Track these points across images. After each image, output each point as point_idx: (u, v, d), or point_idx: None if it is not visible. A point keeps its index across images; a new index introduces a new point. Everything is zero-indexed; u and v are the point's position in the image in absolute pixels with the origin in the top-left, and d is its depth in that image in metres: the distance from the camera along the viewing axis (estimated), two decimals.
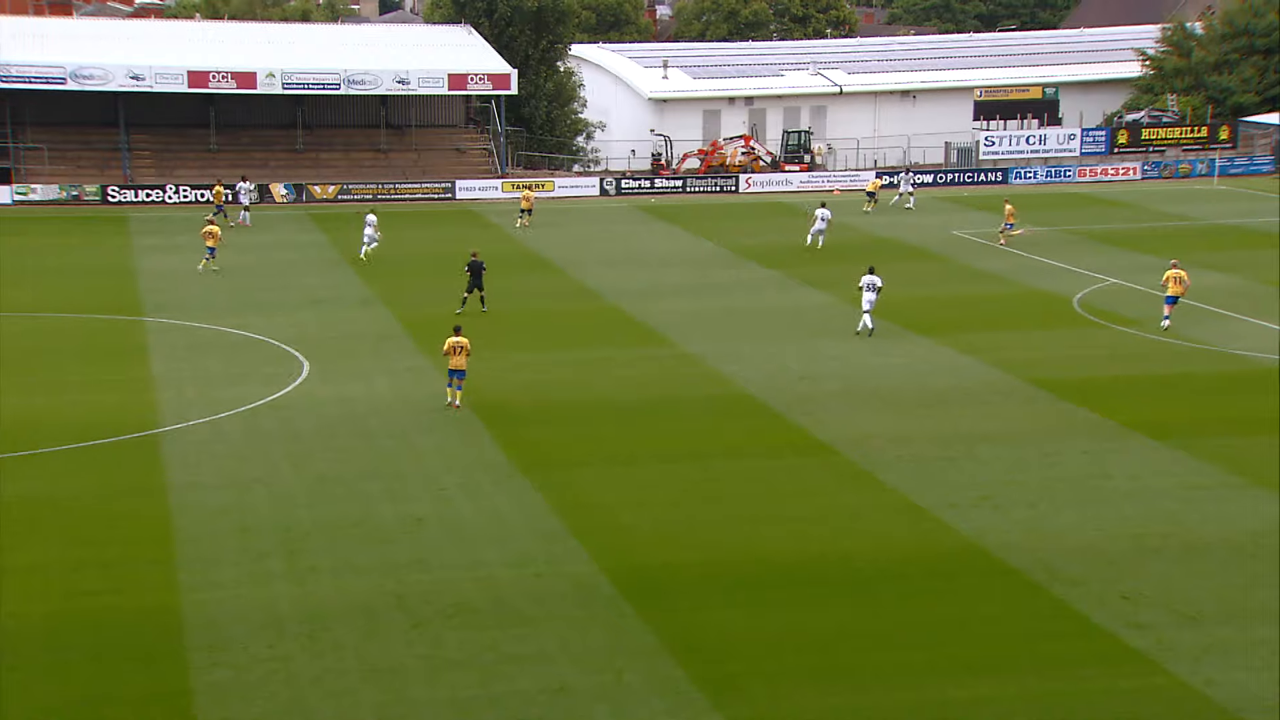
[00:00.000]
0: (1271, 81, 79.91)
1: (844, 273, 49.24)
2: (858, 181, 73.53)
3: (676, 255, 54.40)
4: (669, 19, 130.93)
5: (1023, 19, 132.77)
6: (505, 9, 77.66)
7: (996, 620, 21.88)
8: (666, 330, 41.17)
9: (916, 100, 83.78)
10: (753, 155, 76.23)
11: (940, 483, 27.84)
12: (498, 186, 70.39)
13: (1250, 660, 20.30)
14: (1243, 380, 34.91)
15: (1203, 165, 73.99)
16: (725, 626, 21.77)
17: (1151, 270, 48.37)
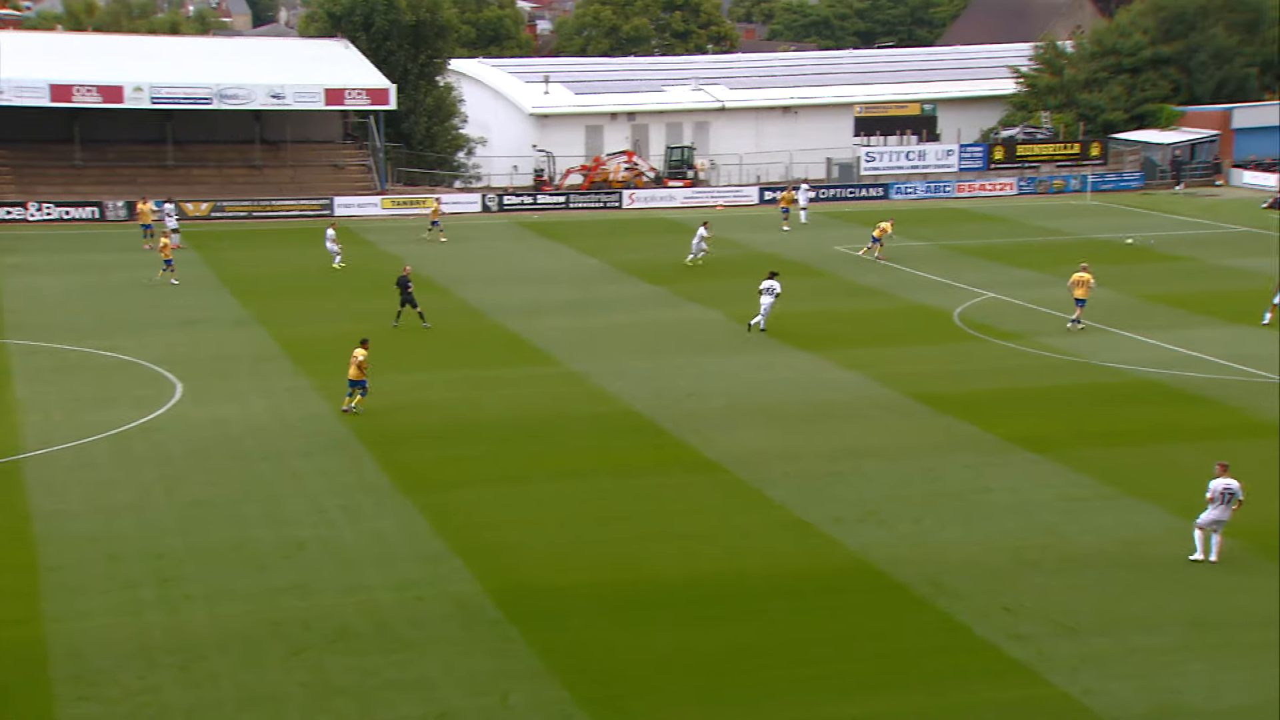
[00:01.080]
0: (1139, 99, 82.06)
1: (728, 288, 49.44)
2: (740, 197, 74.05)
3: (560, 272, 54.15)
4: (550, 34, 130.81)
5: (900, 36, 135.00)
6: (383, 23, 76.82)
7: (884, 635, 21.93)
8: (551, 348, 40.87)
9: (798, 116, 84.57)
10: (636, 171, 76.29)
11: (826, 498, 27.91)
12: (377, 203, 69.54)
13: (1125, 669, 20.58)
14: (1118, 392, 35.57)
15: (1076, 181, 75.67)
16: (613, 647, 21.53)
17: (1029, 285, 49.29)
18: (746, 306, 46.24)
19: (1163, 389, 35.70)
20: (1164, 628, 21.90)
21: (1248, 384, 35.96)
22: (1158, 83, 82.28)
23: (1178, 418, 33.20)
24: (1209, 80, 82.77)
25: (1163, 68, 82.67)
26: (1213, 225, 63.22)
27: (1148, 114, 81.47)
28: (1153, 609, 22.58)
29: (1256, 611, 22.47)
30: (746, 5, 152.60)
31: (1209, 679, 20.25)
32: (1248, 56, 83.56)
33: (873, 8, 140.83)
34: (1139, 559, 24.67)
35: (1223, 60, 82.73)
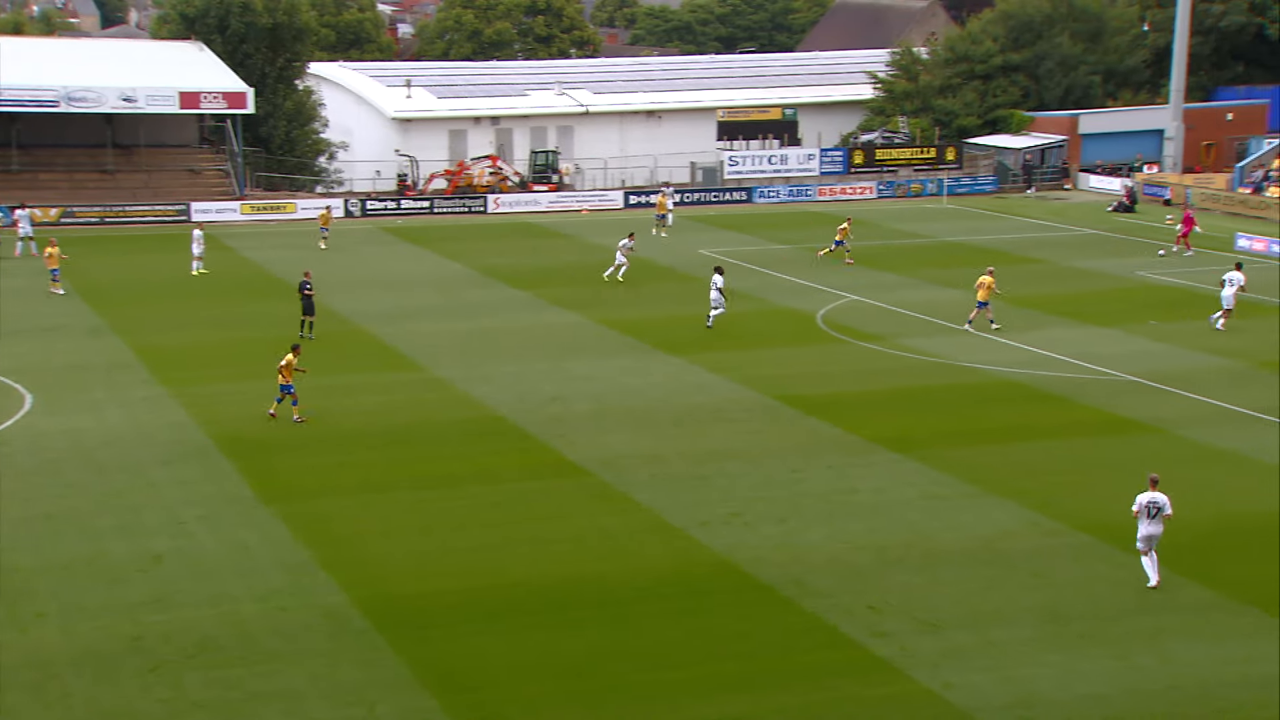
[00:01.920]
0: (991, 105, 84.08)
1: (592, 294, 49.49)
2: (605, 201, 74.18)
3: (424, 277, 53.68)
4: (411, 38, 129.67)
5: (761, 42, 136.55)
6: (238, 25, 75.36)
7: (749, 636, 22.11)
8: (415, 354, 40.48)
9: (662, 120, 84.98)
10: (500, 175, 75.98)
11: (692, 501, 28.06)
12: (236, 208, 68.22)
13: (985, 663, 21.02)
14: (977, 392, 36.35)
15: (932, 185, 77.24)
16: (481, 654, 21.38)
17: (890, 287, 50.15)
18: (611, 311, 46.37)
19: (1020, 388, 36.58)
20: (1021, 621, 22.42)
21: (1100, 382, 37.03)
22: (1008, 89, 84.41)
23: (1034, 416, 34.04)
24: (1056, 87, 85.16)
25: (1013, 74, 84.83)
26: (1063, 228, 65.03)
27: (1000, 119, 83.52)
28: (1011, 603, 23.11)
29: (1111, 603, 23.12)
30: (609, 10, 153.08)
31: (1064, 669, 20.78)
32: (1091, 64, 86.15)
33: (734, 13, 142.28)
34: (998, 554, 25.22)
35: (1068, 68, 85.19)
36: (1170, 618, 22.49)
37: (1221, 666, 20.80)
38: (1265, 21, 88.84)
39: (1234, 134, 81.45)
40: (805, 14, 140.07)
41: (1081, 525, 26.44)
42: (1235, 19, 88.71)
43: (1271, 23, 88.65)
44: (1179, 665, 20.87)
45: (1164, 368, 38.15)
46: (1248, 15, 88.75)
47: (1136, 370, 37.89)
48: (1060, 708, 19.69)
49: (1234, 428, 32.74)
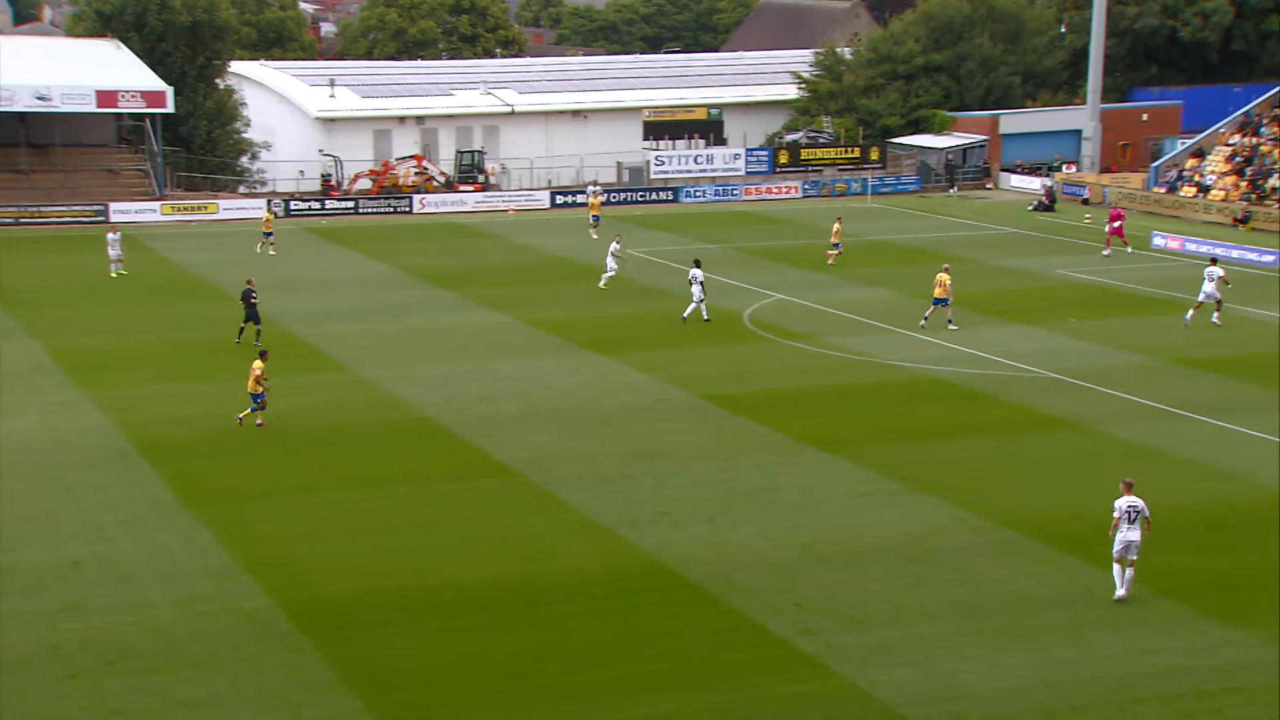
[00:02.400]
0: (914, 105, 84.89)
1: (519, 294, 49.36)
2: (532, 201, 74.01)
3: (350, 278, 53.26)
4: (334, 37, 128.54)
5: (686, 42, 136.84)
6: (156, 23, 74.25)
7: (678, 635, 22.15)
8: (340, 355, 40.15)
9: (588, 120, 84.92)
10: (426, 175, 75.56)
11: (620, 500, 28.07)
12: (156, 209, 67.28)
13: (911, 658, 21.21)
14: (903, 390, 36.66)
15: (857, 184, 77.83)
16: (409, 656, 21.25)
17: (817, 286, 50.43)
18: (538, 311, 46.29)
19: (945, 386, 36.94)
20: (946, 616, 22.64)
21: (1023, 379, 37.48)
22: (930, 89, 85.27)
23: (960, 414, 34.38)
24: (977, 87, 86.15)
25: (934, 75, 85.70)
26: (985, 227, 65.78)
27: (922, 119, 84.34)
28: (936, 599, 23.33)
29: (1032, 597, 23.41)
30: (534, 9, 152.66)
31: (987, 663, 21.01)
32: (1011, 65, 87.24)
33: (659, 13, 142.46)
34: (924, 551, 25.46)
35: (989, 68, 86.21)
36: (1089, 611, 22.82)
37: (1138, 657, 21.14)
38: (1177, 24, 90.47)
39: (1149, 134, 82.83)
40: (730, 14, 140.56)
41: (1005, 521, 26.76)
42: (1149, 21, 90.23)
43: (1184, 25, 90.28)
44: (1097, 657, 21.18)
45: (1084, 364, 38.70)
46: (1160, 18, 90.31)
47: (1058, 367, 38.41)
48: (984, 701, 19.91)
49: (1151, 423, 33.29)
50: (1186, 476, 29.51)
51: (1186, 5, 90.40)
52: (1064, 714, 19.55)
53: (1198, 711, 19.59)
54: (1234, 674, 20.59)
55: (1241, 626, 21.98)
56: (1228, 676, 20.52)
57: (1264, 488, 28.64)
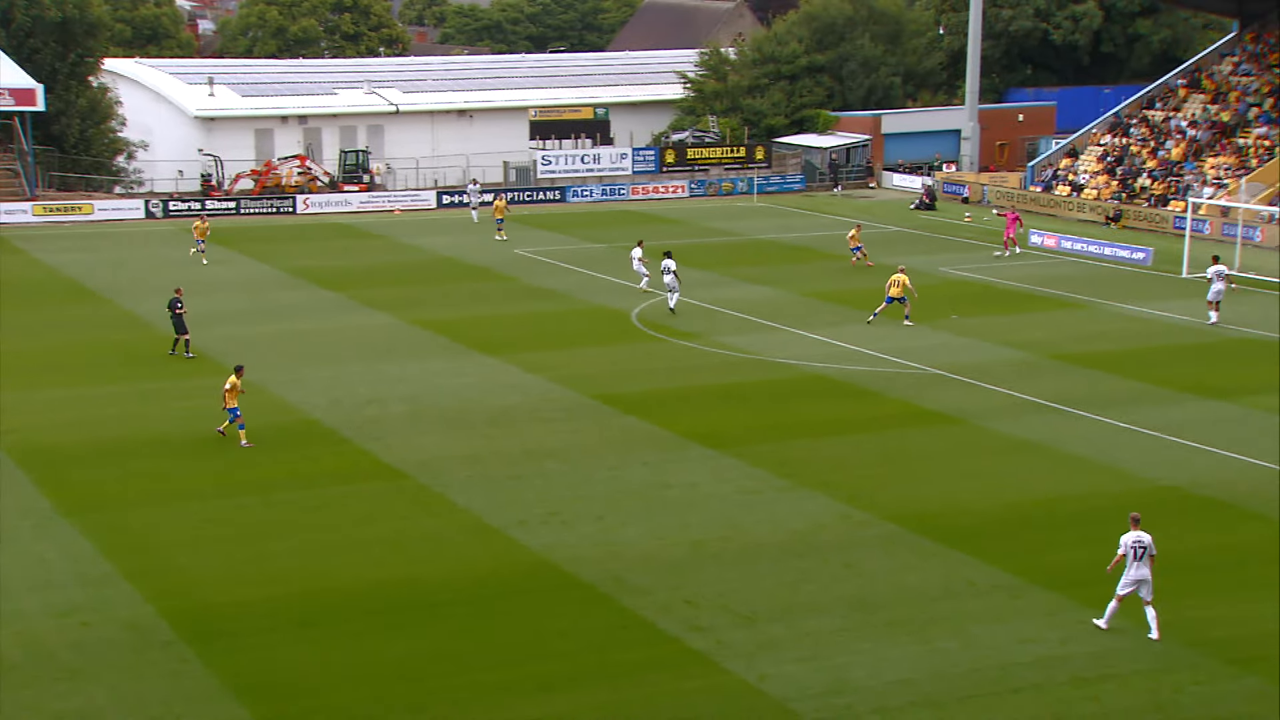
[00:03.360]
0: (798, 105, 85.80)
1: (406, 295, 48.98)
2: (418, 201, 73.48)
3: (232, 279, 52.43)
4: (213, 34, 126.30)
5: (572, 41, 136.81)
6: (24, 19, 72.25)
7: (570, 634, 22.18)
8: (224, 358, 39.48)
9: (473, 120, 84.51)
10: (309, 175, 74.63)
11: (510, 501, 28.02)
12: (28, 209, 65.58)
13: (798, 653, 21.46)
14: (790, 387, 37.04)
15: (743, 183, 78.45)
16: (297, 662, 21.02)
17: (704, 285, 50.69)
18: (425, 311, 45.99)
19: (831, 383, 37.40)
20: (833, 611, 22.94)
21: (906, 375, 38.09)
22: (814, 89, 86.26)
23: (845, 410, 34.84)
24: (859, 88, 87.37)
25: (817, 75, 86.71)
26: (868, 225, 66.65)
27: (806, 119, 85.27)
28: (823, 593, 23.63)
29: (917, 590, 23.81)
30: (418, 8, 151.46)
31: (874, 656, 21.34)
32: (892, 66, 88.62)
33: (544, 13, 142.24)
34: (811, 547, 25.77)
35: (870, 69, 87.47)
36: (971, 602, 23.28)
37: (1018, 647, 21.62)
38: (1050, 27, 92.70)
39: (1025, 134, 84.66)
40: (615, 14, 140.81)
41: (890, 516, 27.19)
42: (1023, 24, 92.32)
43: (1055, 28, 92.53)
44: (979, 648, 21.62)
45: (965, 361, 39.43)
46: (1034, 21, 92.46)
47: (940, 363, 39.10)
48: (871, 694, 20.22)
49: (1031, 417, 34.03)
50: (1064, 470, 30.22)
51: (1058, 9, 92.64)
52: (949, 704, 19.93)
53: (1075, 699, 20.08)
54: (1110, 661, 21.14)
55: (1117, 615, 22.53)
56: (1104, 664, 21.06)
57: (1138, 480, 29.44)
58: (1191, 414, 34.02)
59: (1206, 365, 39.11)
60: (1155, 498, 28.29)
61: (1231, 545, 25.88)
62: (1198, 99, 71.44)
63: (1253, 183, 62.62)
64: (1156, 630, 21.80)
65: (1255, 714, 19.68)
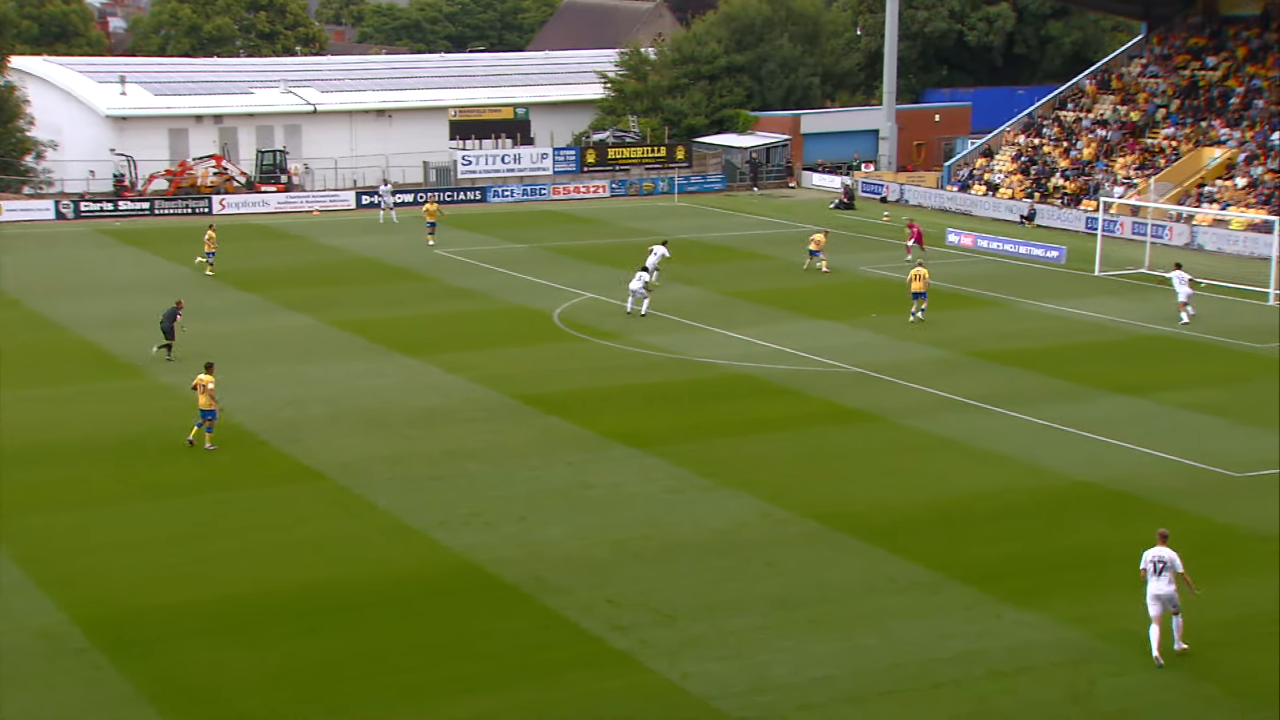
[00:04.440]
0: (718, 105, 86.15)
1: (325, 295, 48.56)
2: (337, 201, 72.86)
3: (148, 281, 51.65)
4: (124, 32, 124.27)
5: (491, 41, 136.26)
6: None
7: (492, 635, 22.13)
8: (139, 361, 38.88)
9: (392, 119, 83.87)
10: (225, 175, 73.72)
11: (431, 502, 27.89)
12: None
13: (721, 651, 21.54)
14: (711, 387, 37.18)
15: (664, 183, 78.63)
16: (218, 667, 20.79)
17: (623, 284, 50.61)
18: (345, 312, 45.64)
19: (752, 382, 37.59)
20: (755, 609, 23.06)
21: (827, 374, 38.37)
22: (733, 89, 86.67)
23: (766, 409, 35.03)
24: (778, 88, 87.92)
25: (737, 75, 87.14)
26: (788, 225, 67.11)
27: (727, 119, 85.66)
28: (745, 592, 23.75)
29: (838, 587, 24.01)
30: (335, 7, 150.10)
31: (797, 653, 21.49)
32: (810, 66, 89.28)
33: (463, 12, 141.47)
34: (733, 545, 25.89)
35: (789, 69, 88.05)
36: (891, 599, 23.52)
37: (938, 642, 21.87)
38: (964, 29, 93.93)
39: (942, 134, 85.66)
40: (534, 13, 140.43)
41: (811, 514, 27.38)
42: (938, 25, 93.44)
43: (970, 30, 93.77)
44: (900, 644, 21.84)
45: (885, 359, 39.81)
46: (949, 22, 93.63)
47: (860, 362, 39.44)
48: (793, 691, 20.36)
49: (948, 415, 34.43)
50: (982, 467, 30.61)
51: (972, 10, 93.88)
52: (870, 700, 20.12)
53: (992, 691, 20.36)
54: (1027, 654, 21.45)
55: (1034, 609, 22.90)
56: (1021, 657, 21.36)
57: (1054, 475, 29.89)
58: (1105, 410, 34.61)
59: (1119, 362, 39.80)
60: (1071, 493, 28.77)
61: (1144, 539, 26.16)
62: (1108, 100, 72.70)
63: (1161, 182, 63.85)
64: (1180, 638, 21.15)
65: (1168, 704, 20.06)
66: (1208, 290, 48.97)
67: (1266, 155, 62.30)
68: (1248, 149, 63.39)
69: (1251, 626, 22.37)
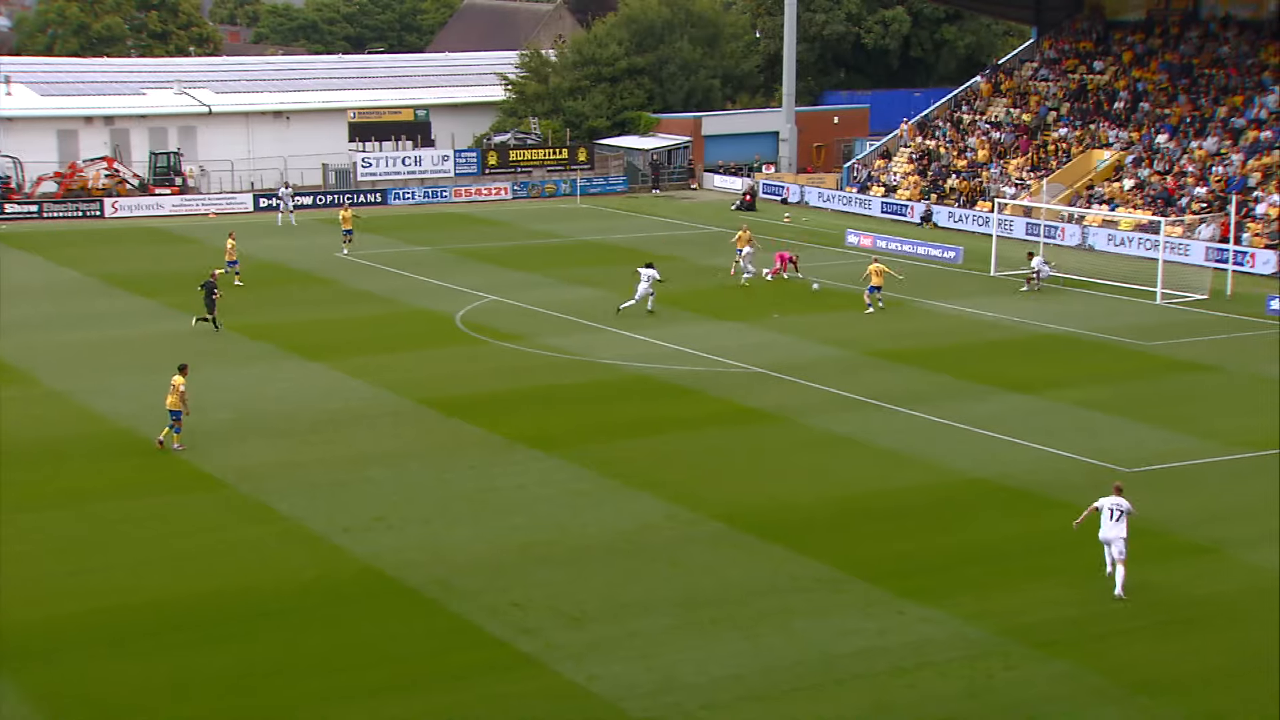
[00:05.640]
0: (619, 106, 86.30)
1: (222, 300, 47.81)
2: (234, 204, 71.87)
3: (36, 286, 50.61)
4: (8, 31, 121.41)
5: (390, 42, 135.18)
6: None
7: (399, 640, 22.03)
8: (28, 366, 38.15)
9: (290, 121, 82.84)
10: (118, 178, 72.34)
11: (334, 508, 27.68)
12: None
13: (627, 652, 21.64)
14: (615, 388, 37.27)
15: (566, 185, 78.61)
16: (119, 679, 20.49)
17: (528, 287, 50.71)
18: (242, 317, 45.04)
19: (656, 383, 37.74)
20: (661, 610, 23.19)
21: (730, 374, 38.65)
22: (635, 91, 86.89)
23: (670, 409, 35.19)
24: (679, 90, 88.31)
25: (638, 77, 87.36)
26: (691, 226, 67.48)
27: (628, 120, 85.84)
28: (651, 593, 23.87)
29: (743, 586, 24.22)
30: (229, 7, 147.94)
31: (703, 653, 21.64)
32: (710, 69, 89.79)
33: (361, 12, 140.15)
34: (638, 546, 26.01)
35: (690, 71, 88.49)
36: (794, 597, 23.78)
37: (840, 639, 22.15)
38: (861, 32, 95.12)
39: (841, 136, 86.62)
40: (434, 15, 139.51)
41: (715, 514, 27.58)
42: (836, 28, 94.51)
43: (866, 33, 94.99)
44: (803, 641, 22.08)
45: (786, 359, 40.18)
46: (846, 25, 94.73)
47: (762, 362, 39.78)
48: (700, 690, 20.51)
49: (849, 414, 34.87)
50: (881, 464, 31.05)
51: (869, 14, 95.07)
52: (775, 698, 20.34)
53: (894, 687, 20.68)
54: (927, 650, 21.81)
55: (934, 605, 23.30)
56: (921, 652, 21.72)
57: (950, 472, 30.41)
58: (999, 408, 35.28)
59: (1015, 361, 40.57)
60: (968, 490, 29.29)
61: (1036, 533, 26.93)
62: (1000, 102, 74.07)
63: (1053, 184, 65.19)
64: (1121, 588, 23.45)
65: (1061, 695, 20.52)
66: (1098, 290, 50.17)
67: (1152, 158, 63.91)
68: (1135, 151, 64.96)
69: (1138, 617, 22.98)
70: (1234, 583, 24.50)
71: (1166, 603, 23.58)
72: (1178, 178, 61.57)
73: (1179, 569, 25.09)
